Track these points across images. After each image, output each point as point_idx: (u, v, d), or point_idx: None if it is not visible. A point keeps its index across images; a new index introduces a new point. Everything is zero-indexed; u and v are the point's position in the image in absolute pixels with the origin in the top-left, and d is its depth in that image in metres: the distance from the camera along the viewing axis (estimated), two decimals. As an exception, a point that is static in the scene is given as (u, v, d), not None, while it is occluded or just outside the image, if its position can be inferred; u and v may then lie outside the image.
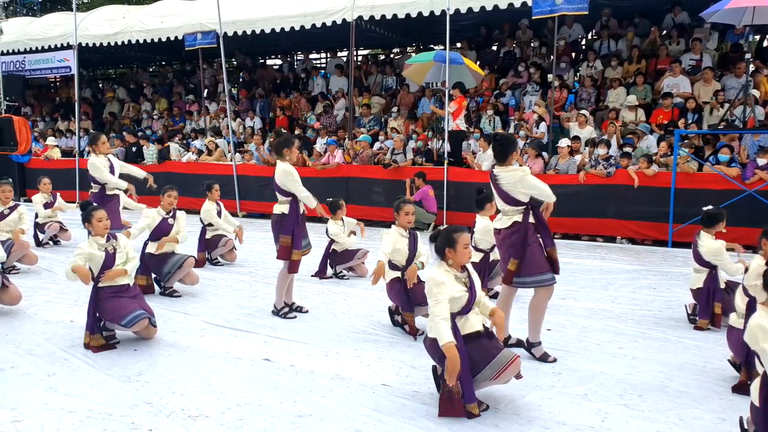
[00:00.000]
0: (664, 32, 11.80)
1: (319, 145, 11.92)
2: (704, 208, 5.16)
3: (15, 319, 5.23)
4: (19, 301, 5.43)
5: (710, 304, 5.00)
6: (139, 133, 14.14)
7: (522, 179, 4.16)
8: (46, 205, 8.66)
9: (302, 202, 5.23)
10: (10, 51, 15.30)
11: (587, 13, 9.69)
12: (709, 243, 4.99)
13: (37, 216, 8.65)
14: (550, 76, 11.38)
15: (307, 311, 5.47)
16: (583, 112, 10.43)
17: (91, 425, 3.32)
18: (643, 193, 8.77)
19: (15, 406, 3.55)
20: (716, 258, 4.95)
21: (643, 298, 6.07)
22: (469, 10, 10.42)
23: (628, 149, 9.35)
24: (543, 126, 10.51)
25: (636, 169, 8.84)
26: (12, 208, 7.13)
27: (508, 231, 4.28)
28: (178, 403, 3.60)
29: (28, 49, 15.06)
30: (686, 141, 9.24)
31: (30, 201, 9.13)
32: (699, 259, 5.07)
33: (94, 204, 5.05)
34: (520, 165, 4.44)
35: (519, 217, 4.24)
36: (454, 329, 3.42)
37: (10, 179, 7.56)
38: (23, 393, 3.73)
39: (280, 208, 5.19)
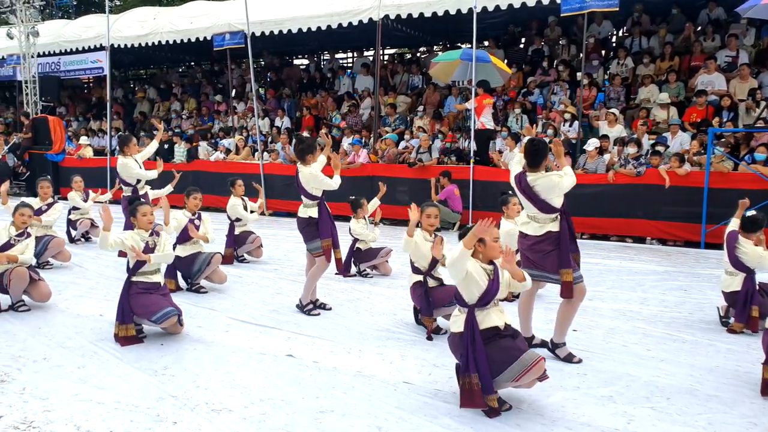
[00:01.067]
0: (699, 28, 11.52)
1: (346, 144, 11.95)
2: (747, 213, 5.01)
3: (48, 313, 5.37)
4: (48, 298, 5.55)
5: (747, 307, 4.86)
6: (168, 132, 14.38)
7: (559, 185, 4.07)
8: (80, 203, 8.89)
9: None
10: (46, 53, 15.71)
11: (618, 9, 9.53)
12: (752, 250, 4.86)
13: (69, 213, 8.86)
14: (578, 74, 11.21)
15: (330, 308, 5.49)
16: (613, 110, 10.25)
17: (118, 416, 3.38)
18: (674, 193, 8.57)
19: (46, 396, 3.64)
20: (761, 263, 4.82)
21: (673, 299, 5.93)
22: (497, 8, 10.32)
23: (660, 148, 9.14)
24: (574, 125, 10.34)
25: (667, 169, 8.65)
26: (50, 205, 7.34)
27: (540, 238, 4.15)
28: (202, 396, 3.64)
29: (62, 51, 15.46)
30: (722, 140, 9.01)
31: (65, 199, 9.34)
32: (736, 262, 4.94)
33: (141, 200, 5.20)
34: (550, 168, 4.34)
35: (554, 227, 4.11)
36: (473, 322, 3.39)
37: (49, 176, 7.76)
38: (54, 384, 3.82)
39: (308, 211, 5.24)
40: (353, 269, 6.92)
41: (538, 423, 3.33)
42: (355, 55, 16.68)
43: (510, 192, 5.60)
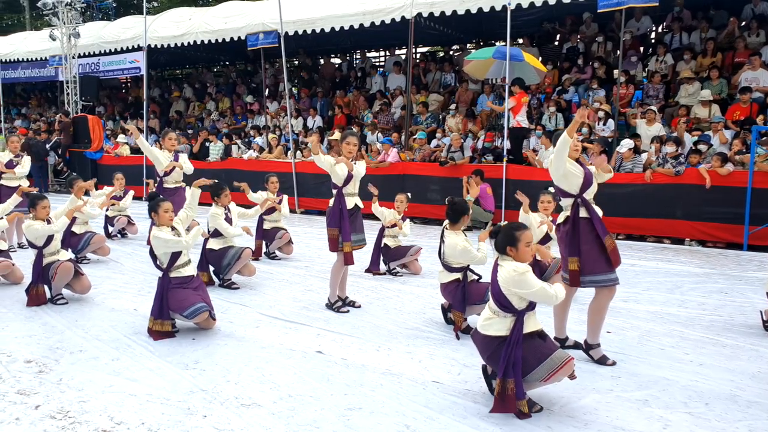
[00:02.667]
0: (743, 23, 11.15)
1: (374, 143, 11.94)
2: None
3: (85, 306, 5.50)
4: (89, 290, 5.76)
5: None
6: (204, 131, 14.60)
7: (556, 151, 4.03)
8: (116, 198, 9.07)
9: (354, 197, 5.26)
10: (86, 54, 16.11)
11: (657, 4, 9.28)
12: None
13: (107, 209, 9.07)
14: (616, 72, 10.97)
15: (359, 306, 5.48)
16: (652, 108, 9.99)
17: (150, 409, 3.43)
18: (715, 193, 8.31)
19: (82, 387, 3.72)
20: None
21: (713, 302, 5.75)
22: (531, 4, 10.16)
23: (702, 146, 8.86)
24: (609, 123, 10.13)
25: (708, 168, 8.39)
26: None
27: (562, 226, 4.18)
28: (232, 391, 3.67)
29: (102, 52, 15.83)
30: (765, 138, 8.70)
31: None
32: None
33: (161, 195, 5.28)
34: (582, 162, 4.26)
35: (569, 212, 4.13)
36: (520, 328, 3.33)
37: (81, 178, 7.94)
38: (89, 375, 3.90)
39: (331, 201, 5.27)
40: (383, 267, 6.90)
41: (570, 425, 3.25)
42: (387, 53, 16.67)
43: (547, 188, 5.52)
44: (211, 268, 6.33)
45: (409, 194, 7.03)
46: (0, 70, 17.35)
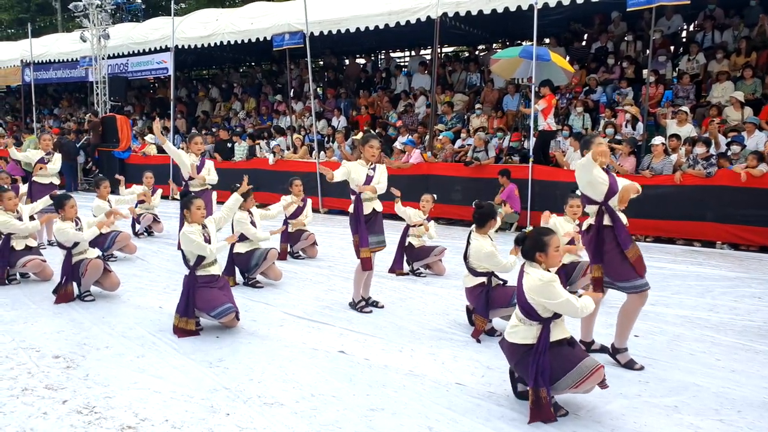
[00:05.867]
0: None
1: (398, 143, 11.90)
2: None
3: (111, 304, 5.57)
4: (117, 287, 5.84)
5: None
6: (229, 131, 14.74)
7: (582, 167, 3.94)
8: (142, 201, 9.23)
9: (373, 201, 5.25)
10: (116, 54, 16.38)
11: (689, 2, 9.08)
12: None
13: (136, 206, 9.20)
14: (645, 72, 10.76)
15: (382, 306, 5.46)
16: (684, 108, 9.77)
17: (174, 406, 3.46)
18: (748, 195, 8.08)
19: (107, 383, 3.77)
20: None
21: (746, 307, 5.59)
22: (559, 3, 10.02)
23: (736, 147, 8.63)
24: (638, 125, 9.93)
25: (743, 168, 8.16)
26: (109, 203, 7.67)
27: (586, 234, 4.11)
28: (255, 389, 3.68)
29: (131, 53, 16.07)
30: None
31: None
32: None
33: (193, 193, 5.33)
34: (610, 164, 4.19)
35: (594, 220, 4.04)
36: (548, 337, 3.27)
37: (107, 179, 8.07)
38: (115, 371, 3.95)
39: (351, 207, 5.26)
40: (406, 267, 6.86)
41: (596, 431, 3.18)
42: (412, 53, 16.63)
43: (573, 191, 5.42)
44: (237, 270, 6.37)
45: (435, 195, 6.97)
46: (33, 71, 17.72)
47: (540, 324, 3.29)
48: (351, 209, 5.24)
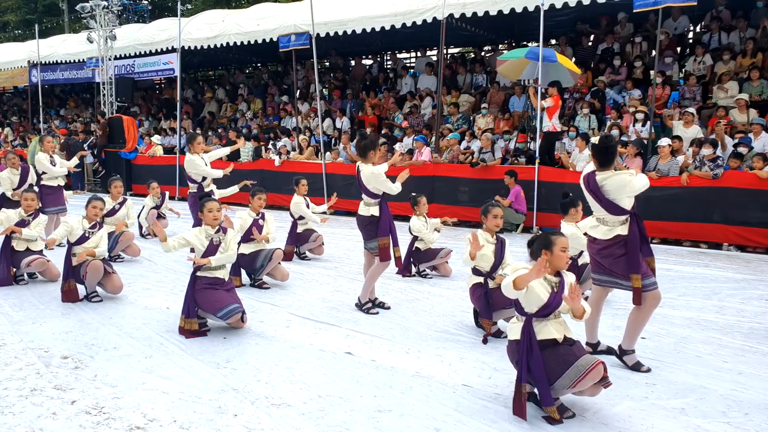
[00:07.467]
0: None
1: (400, 146, 11.86)
2: None
3: (119, 304, 5.60)
4: (120, 290, 5.82)
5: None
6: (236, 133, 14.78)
7: (630, 185, 3.90)
8: (156, 207, 9.30)
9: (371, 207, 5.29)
10: (122, 55, 16.46)
11: (696, 3, 9.05)
12: None
13: (142, 211, 9.26)
14: (651, 73, 10.74)
15: (389, 307, 5.47)
16: (690, 109, 9.74)
17: (182, 406, 3.47)
18: (755, 197, 8.06)
19: (116, 383, 3.79)
20: None
21: (753, 309, 5.58)
22: (565, 5, 10.01)
23: (742, 149, 8.59)
24: (646, 125, 9.90)
25: (749, 170, 8.13)
26: (121, 203, 7.73)
27: (609, 242, 4.01)
28: (263, 390, 3.69)
29: (137, 54, 16.14)
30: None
31: (140, 195, 9.76)
32: None
33: (209, 196, 5.36)
34: (618, 167, 4.17)
35: (622, 230, 3.95)
36: (530, 332, 3.29)
37: (119, 176, 8.12)
38: (123, 372, 3.97)
39: (369, 210, 5.24)
40: (413, 269, 6.87)
41: (604, 434, 3.19)
42: (418, 54, 16.63)
43: (571, 196, 5.39)
44: (243, 271, 6.39)
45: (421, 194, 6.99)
46: (40, 72, 17.82)
47: (524, 319, 3.36)
48: (376, 212, 5.21)
